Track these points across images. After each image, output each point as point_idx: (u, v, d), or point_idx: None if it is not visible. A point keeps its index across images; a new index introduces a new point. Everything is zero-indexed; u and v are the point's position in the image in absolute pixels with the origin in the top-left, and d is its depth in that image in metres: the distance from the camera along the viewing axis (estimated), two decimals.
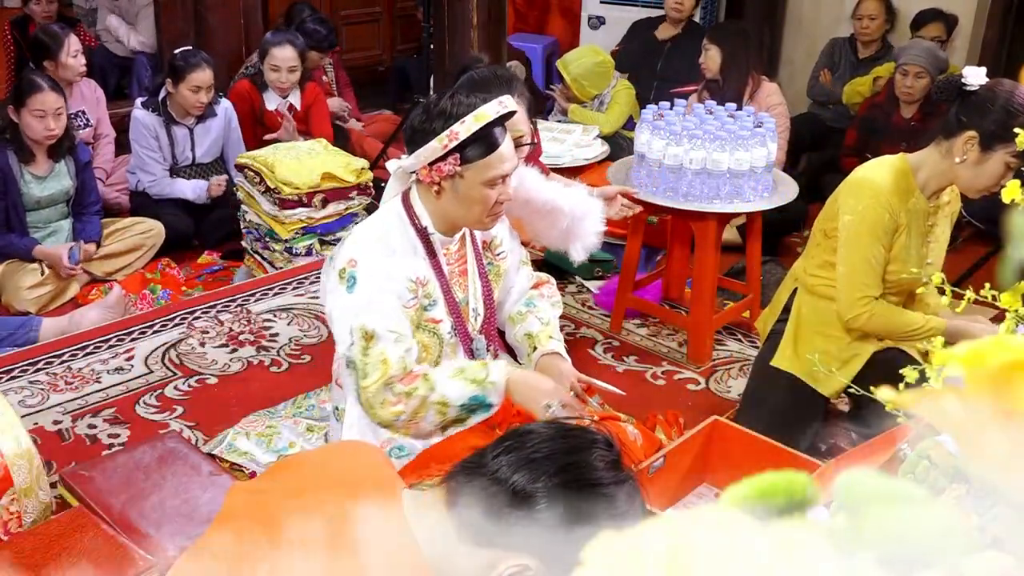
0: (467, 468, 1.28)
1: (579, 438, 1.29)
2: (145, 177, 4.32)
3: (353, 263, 2.16)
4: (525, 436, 1.28)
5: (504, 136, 2.17)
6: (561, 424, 1.33)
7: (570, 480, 1.23)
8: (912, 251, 2.48)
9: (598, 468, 1.25)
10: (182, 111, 4.32)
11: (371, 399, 2.14)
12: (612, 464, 1.27)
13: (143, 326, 3.53)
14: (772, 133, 3.25)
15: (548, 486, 1.23)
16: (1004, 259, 0.66)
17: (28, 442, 2.30)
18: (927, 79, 4.40)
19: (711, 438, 2.36)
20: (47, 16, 5.34)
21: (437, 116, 2.12)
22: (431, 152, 2.12)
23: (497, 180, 2.16)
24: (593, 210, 2.80)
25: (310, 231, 4.03)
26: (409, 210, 2.24)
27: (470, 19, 4.52)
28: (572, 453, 1.26)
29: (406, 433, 2.22)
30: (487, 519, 1.22)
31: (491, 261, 2.44)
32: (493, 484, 1.24)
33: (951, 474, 1.17)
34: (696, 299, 3.42)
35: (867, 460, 1.42)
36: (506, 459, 1.25)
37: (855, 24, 5.19)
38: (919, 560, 0.54)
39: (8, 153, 3.71)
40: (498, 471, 1.25)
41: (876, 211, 2.44)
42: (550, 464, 1.24)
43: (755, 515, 0.55)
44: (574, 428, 1.32)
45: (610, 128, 4.76)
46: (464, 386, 2.17)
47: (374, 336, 2.12)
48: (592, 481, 1.24)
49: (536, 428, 1.31)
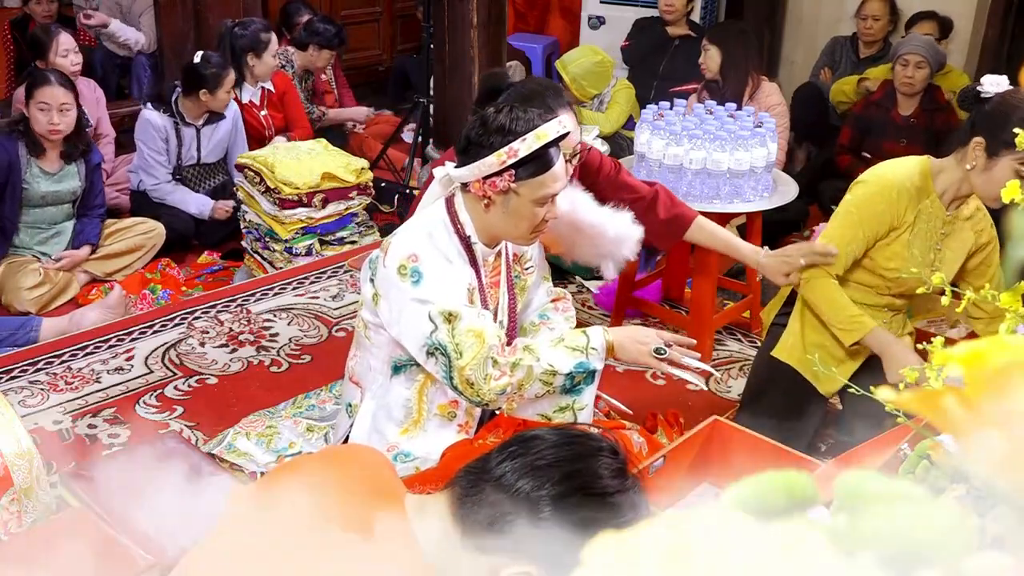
0: (471, 473, 1.27)
1: (585, 445, 1.28)
2: (148, 180, 4.32)
3: (415, 258, 2.15)
4: (530, 442, 1.28)
5: (559, 156, 2.17)
6: (567, 431, 1.32)
7: (575, 488, 1.23)
8: (916, 252, 2.48)
9: (603, 476, 1.24)
10: (194, 113, 4.32)
11: (472, 376, 2.12)
12: (617, 472, 1.26)
13: (143, 326, 3.53)
14: (772, 133, 3.25)
15: (552, 494, 1.22)
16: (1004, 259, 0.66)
17: (28, 442, 2.30)
18: (927, 69, 4.40)
19: (711, 438, 2.36)
20: (47, 16, 5.34)
21: (496, 131, 2.11)
22: (487, 167, 2.12)
23: (547, 199, 2.16)
24: (633, 236, 2.73)
25: (310, 231, 4.04)
26: (454, 218, 2.23)
27: (470, 19, 4.52)
28: (577, 460, 1.25)
29: (508, 409, 2.23)
30: (490, 525, 1.22)
31: (519, 274, 2.45)
32: (497, 490, 1.23)
33: (951, 474, 1.17)
34: (696, 299, 3.42)
35: (867, 460, 1.42)
36: (511, 465, 1.25)
37: (859, 23, 5.18)
38: (919, 560, 0.54)
39: (19, 144, 3.73)
40: (502, 477, 1.24)
41: (874, 200, 2.47)
42: (555, 471, 1.23)
43: (755, 515, 0.55)
44: (580, 435, 1.31)
45: (610, 128, 4.76)
46: (567, 354, 2.18)
47: (457, 315, 2.12)
48: (597, 490, 1.23)
49: (541, 434, 1.30)
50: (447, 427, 2.33)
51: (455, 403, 2.31)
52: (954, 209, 2.51)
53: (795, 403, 2.65)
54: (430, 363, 2.19)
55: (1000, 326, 2.28)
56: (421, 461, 2.30)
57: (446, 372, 2.16)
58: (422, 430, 2.31)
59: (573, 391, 2.23)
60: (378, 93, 6.45)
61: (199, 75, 4.21)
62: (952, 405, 0.51)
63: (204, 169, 4.45)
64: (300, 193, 3.94)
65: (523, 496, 1.22)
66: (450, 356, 2.13)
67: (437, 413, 2.32)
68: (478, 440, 2.30)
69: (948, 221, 2.50)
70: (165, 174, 4.32)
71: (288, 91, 4.93)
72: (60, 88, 3.71)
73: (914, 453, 1.25)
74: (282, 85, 4.90)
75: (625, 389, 3.11)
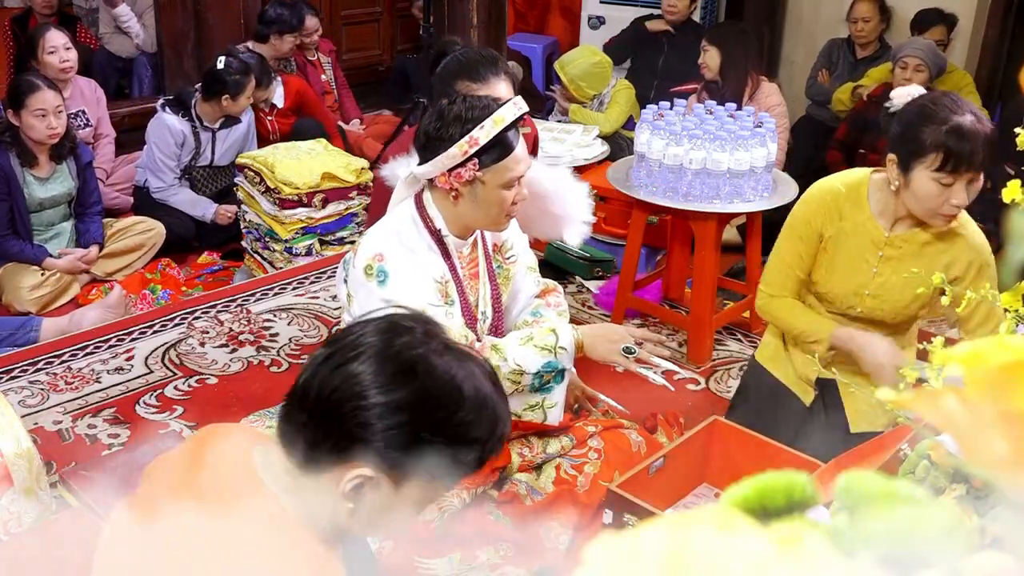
0: (286, 403, 1.25)
1: (391, 326, 1.25)
2: (155, 181, 4.31)
3: (380, 257, 2.14)
4: (330, 346, 1.25)
5: (519, 137, 2.16)
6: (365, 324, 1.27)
7: (385, 355, 1.20)
8: (838, 270, 2.35)
9: (412, 342, 1.21)
10: (213, 116, 4.32)
11: None
12: (426, 334, 1.23)
13: (143, 326, 3.53)
14: (772, 133, 3.25)
15: (363, 372, 1.19)
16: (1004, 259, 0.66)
17: (28, 442, 2.30)
18: (926, 73, 4.41)
19: (711, 438, 2.36)
20: (47, 9, 5.33)
21: (453, 122, 2.09)
22: (451, 159, 2.10)
23: (514, 182, 2.15)
24: (578, 189, 2.76)
25: (310, 231, 4.04)
26: (423, 213, 2.22)
27: (470, 19, 4.53)
28: (378, 338, 1.22)
29: None
30: (313, 445, 1.20)
31: (500, 264, 2.43)
32: (304, 408, 1.21)
33: (951, 474, 1.17)
34: (696, 299, 3.42)
35: (867, 460, 1.42)
36: (313, 379, 1.22)
37: (850, 26, 5.19)
38: (919, 560, 0.54)
39: (10, 155, 3.71)
40: (308, 388, 1.21)
41: (799, 211, 2.41)
42: (357, 359, 1.20)
43: (755, 515, 0.55)
44: (373, 320, 1.27)
45: (609, 128, 4.75)
46: (536, 353, 2.18)
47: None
48: (407, 359, 1.20)
49: (338, 339, 1.26)
50: None
51: None
52: (902, 230, 2.33)
53: (776, 406, 2.62)
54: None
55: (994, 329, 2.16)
56: None
57: None
58: None
59: (543, 389, 2.24)
60: (378, 93, 6.44)
61: (221, 81, 4.21)
62: (952, 405, 0.51)
63: (215, 171, 4.46)
64: (300, 193, 3.94)
65: (330, 401, 1.19)
66: None
67: None
68: None
69: (887, 243, 2.33)
70: (172, 178, 4.32)
71: (305, 98, 4.90)
72: (50, 91, 3.70)
73: (914, 453, 1.25)
74: (294, 90, 4.89)
75: (625, 389, 3.11)
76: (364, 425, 1.18)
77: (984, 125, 2.13)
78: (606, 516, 2.10)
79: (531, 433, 2.35)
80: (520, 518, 2.22)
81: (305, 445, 1.21)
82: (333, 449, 1.19)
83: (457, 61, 2.66)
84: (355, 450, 1.18)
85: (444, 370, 1.21)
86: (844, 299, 2.39)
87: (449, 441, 1.20)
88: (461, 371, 1.22)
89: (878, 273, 2.34)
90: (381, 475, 1.19)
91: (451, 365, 1.22)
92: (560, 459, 2.35)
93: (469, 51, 2.78)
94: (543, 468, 2.34)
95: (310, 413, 1.21)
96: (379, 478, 1.19)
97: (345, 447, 1.19)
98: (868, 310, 2.37)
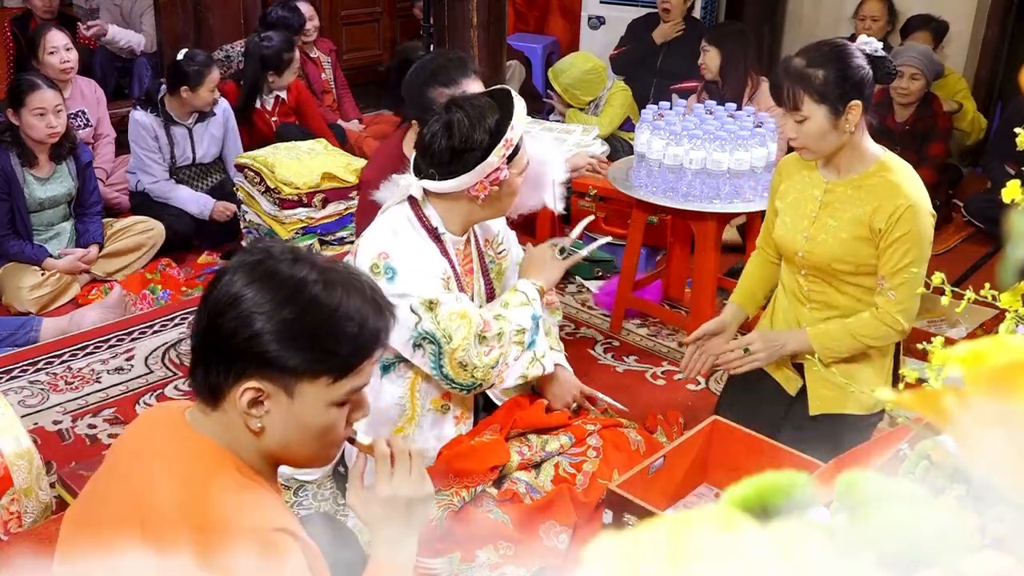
0: (190, 363, 1.34)
1: (259, 252, 1.32)
2: (146, 178, 4.31)
3: (385, 255, 2.17)
4: (203, 297, 1.32)
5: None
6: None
7: (255, 273, 1.27)
8: (788, 217, 2.48)
9: (278, 261, 1.29)
10: (182, 111, 4.30)
11: (466, 356, 2.17)
12: (293, 255, 1.30)
13: (143, 326, 3.53)
14: (772, 133, 3.25)
15: (237, 288, 1.26)
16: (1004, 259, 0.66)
17: (28, 442, 2.31)
18: (922, 81, 4.42)
19: (711, 438, 2.36)
20: (47, 11, 5.32)
21: (481, 131, 2.13)
22: (490, 166, 2.14)
23: (525, 166, 2.24)
24: (557, 156, 2.80)
25: (310, 231, 4.04)
26: (418, 213, 2.24)
27: (470, 19, 4.52)
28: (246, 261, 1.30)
29: (499, 382, 2.29)
30: (209, 375, 1.28)
31: (492, 259, 2.45)
32: (198, 352, 1.31)
33: (951, 474, 1.17)
34: (696, 299, 3.42)
35: (867, 460, 1.42)
36: (200, 316, 1.30)
37: (857, 24, 5.18)
38: (919, 560, 0.54)
39: (10, 155, 3.71)
40: (196, 333, 1.31)
41: (776, 172, 2.59)
42: (232, 283, 1.27)
43: (755, 515, 0.55)
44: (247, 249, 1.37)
45: (604, 131, 4.73)
46: (521, 310, 2.30)
47: (437, 302, 2.16)
48: (274, 267, 1.27)
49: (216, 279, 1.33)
50: (443, 421, 2.34)
51: (447, 395, 2.31)
52: (840, 178, 2.36)
53: (757, 400, 2.61)
54: (417, 356, 2.20)
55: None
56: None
57: (435, 361, 2.17)
58: (417, 427, 2.31)
59: (531, 345, 2.32)
60: (378, 93, 6.44)
61: (181, 72, 4.18)
62: (952, 405, 0.51)
63: (200, 169, 4.44)
64: (300, 193, 3.94)
65: (217, 323, 1.26)
66: (440, 343, 2.15)
67: (431, 408, 2.32)
68: (474, 437, 2.30)
69: (828, 190, 2.38)
70: (162, 171, 4.31)
71: (304, 102, 4.90)
72: (49, 90, 3.70)
73: (914, 453, 1.25)
74: (297, 94, 4.89)
75: (625, 389, 3.11)
76: (243, 336, 1.24)
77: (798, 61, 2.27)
78: (606, 516, 2.11)
79: (530, 431, 2.36)
80: (519, 516, 2.22)
81: (205, 378, 1.28)
82: (225, 371, 1.26)
83: (425, 68, 2.67)
84: (242, 366, 1.25)
85: (306, 276, 1.28)
86: (791, 243, 2.46)
87: (321, 341, 1.26)
88: (321, 276, 1.29)
89: (817, 218, 2.41)
90: (269, 385, 1.26)
91: (313, 272, 1.29)
92: (559, 457, 2.35)
93: (436, 56, 2.79)
94: (542, 466, 2.34)
95: (201, 348, 1.29)
96: (269, 390, 1.26)
97: (232, 364, 1.26)
98: (807, 253, 2.44)
